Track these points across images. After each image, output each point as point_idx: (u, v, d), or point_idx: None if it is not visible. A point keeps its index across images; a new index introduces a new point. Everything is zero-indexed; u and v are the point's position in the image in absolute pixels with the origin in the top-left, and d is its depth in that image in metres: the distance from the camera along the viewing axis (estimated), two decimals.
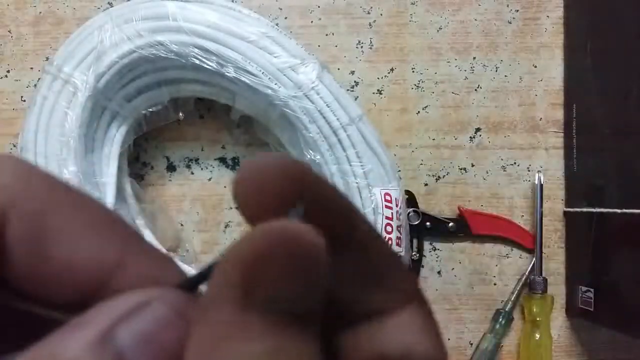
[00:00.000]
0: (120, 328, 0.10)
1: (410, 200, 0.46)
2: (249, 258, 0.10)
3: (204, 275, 0.12)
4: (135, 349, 0.10)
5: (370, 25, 0.47)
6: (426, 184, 0.47)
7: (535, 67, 0.47)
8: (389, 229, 0.40)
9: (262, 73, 0.39)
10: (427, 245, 0.47)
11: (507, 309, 0.46)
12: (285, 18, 0.46)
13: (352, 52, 0.47)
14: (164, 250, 0.13)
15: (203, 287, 0.12)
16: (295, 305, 0.10)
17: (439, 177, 0.47)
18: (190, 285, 0.12)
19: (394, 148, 0.47)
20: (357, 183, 0.40)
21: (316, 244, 0.10)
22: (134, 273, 0.12)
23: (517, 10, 0.47)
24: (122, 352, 0.10)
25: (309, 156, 0.41)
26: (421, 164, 0.47)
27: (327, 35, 0.47)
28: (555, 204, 0.47)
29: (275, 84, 0.39)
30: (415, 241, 0.46)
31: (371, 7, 0.47)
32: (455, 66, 0.47)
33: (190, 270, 0.40)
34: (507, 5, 0.47)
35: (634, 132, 0.40)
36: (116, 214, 0.13)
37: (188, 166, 0.47)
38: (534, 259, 0.46)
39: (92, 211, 0.12)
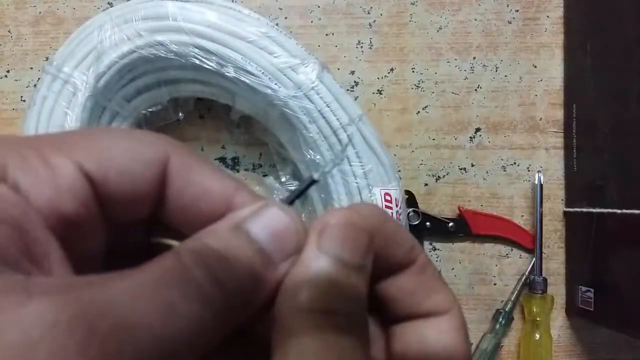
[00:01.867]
0: (249, 219, 0.16)
1: (410, 200, 0.46)
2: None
3: (294, 197, 0.19)
4: (259, 232, 0.16)
5: (370, 25, 0.47)
6: (426, 184, 0.47)
7: (535, 67, 0.47)
8: None
9: (262, 73, 0.38)
10: (427, 245, 0.47)
11: (507, 309, 0.46)
12: (285, 18, 0.46)
13: (352, 52, 0.47)
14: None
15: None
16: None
17: (439, 177, 0.47)
18: (290, 201, 0.19)
19: (394, 148, 0.47)
20: (357, 183, 0.40)
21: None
22: (247, 196, 0.18)
23: (517, 10, 0.47)
24: (251, 233, 0.16)
25: (309, 156, 0.41)
26: (421, 164, 0.47)
27: (327, 35, 0.47)
28: (555, 204, 0.47)
29: (275, 84, 0.39)
30: None
31: (371, 7, 0.47)
32: (455, 66, 0.47)
33: None
34: (507, 5, 0.47)
35: (634, 132, 0.40)
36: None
37: None
38: (534, 259, 0.46)
39: (212, 163, 0.18)
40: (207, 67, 0.38)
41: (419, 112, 0.47)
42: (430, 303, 0.19)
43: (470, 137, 0.47)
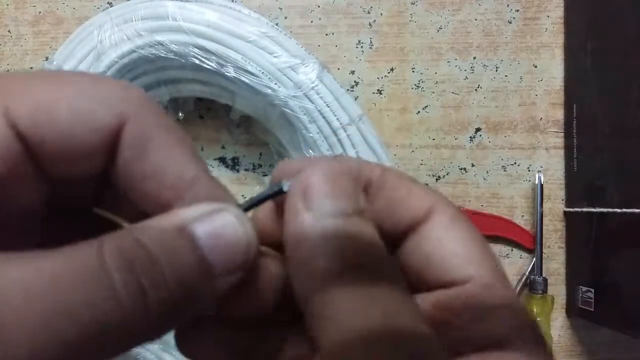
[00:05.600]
0: (197, 222, 0.14)
1: None
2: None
3: (254, 204, 0.17)
4: (205, 239, 0.14)
5: (370, 25, 0.47)
6: (426, 184, 0.47)
7: (536, 67, 0.47)
8: None
9: (262, 73, 0.38)
10: None
11: None
12: (285, 18, 0.46)
13: (352, 52, 0.47)
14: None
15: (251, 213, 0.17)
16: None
17: (439, 177, 0.47)
18: (246, 209, 0.16)
19: (394, 148, 0.47)
20: None
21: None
22: (203, 191, 0.16)
23: (517, 10, 0.47)
24: (195, 238, 0.14)
25: (309, 156, 0.41)
26: (421, 164, 0.47)
27: (327, 35, 0.47)
28: (555, 204, 0.47)
29: (275, 84, 0.39)
30: None
31: (371, 7, 0.47)
32: (456, 66, 0.47)
33: None
34: (507, 5, 0.47)
35: (634, 132, 0.40)
36: (194, 146, 0.17)
37: None
38: (534, 259, 0.46)
39: (182, 138, 0.16)
40: (207, 67, 0.38)
41: (419, 112, 0.47)
42: (405, 211, 0.17)
43: (471, 137, 0.47)
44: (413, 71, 0.47)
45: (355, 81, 0.47)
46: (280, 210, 0.17)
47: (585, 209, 0.44)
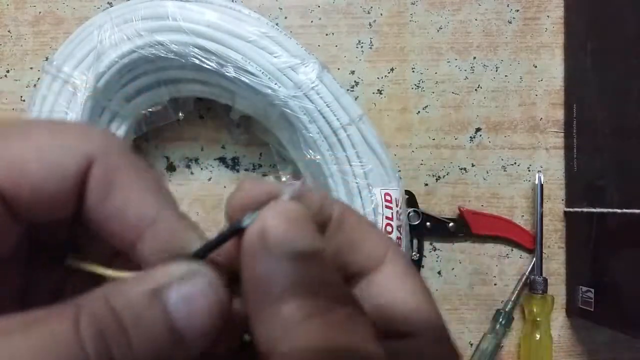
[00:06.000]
0: (170, 289, 0.15)
1: (411, 200, 0.46)
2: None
3: (215, 245, 0.16)
4: (177, 307, 0.14)
5: (370, 25, 0.47)
6: (426, 184, 0.47)
7: (536, 67, 0.47)
8: (389, 229, 0.40)
9: (262, 73, 0.38)
10: (427, 245, 0.47)
11: (507, 309, 0.46)
12: (285, 18, 0.46)
13: (352, 52, 0.47)
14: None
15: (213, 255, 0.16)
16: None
17: (439, 177, 0.47)
18: (205, 251, 0.16)
19: (394, 148, 0.47)
20: (357, 183, 0.40)
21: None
22: (165, 230, 0.16)
23: (517, 10, 0.47)
24: (168, 306, 0.14)
25: (309, 156, 0.41)
26: (421, 164, 0.47)
27: (327, 35, 0.47)
28: (555, 204, 0.47)
29: (275, 84, 0.39)
30: (415, 241, 0.46)
31: (371, 7, 0.47)
32: (456, 66, 0.47)
33: None
34: (507, 5, 0.47)
35: (634, 132, 0.40)
36: (162, 180, 0.17)
37: (188, 166, 0.47)
38: (534, 259, 0.46)
39: (146, 176, 0.17)
40: (207, 67, 0.38)
41: (419, 112, 0.47)
42: (360, 255, 0.17)
43: (471, 137, 0.47)
44: (413, 71, 0.47)
45: (355, 81, 0.47)
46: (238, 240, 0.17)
47: (585, 209, 0.44)
